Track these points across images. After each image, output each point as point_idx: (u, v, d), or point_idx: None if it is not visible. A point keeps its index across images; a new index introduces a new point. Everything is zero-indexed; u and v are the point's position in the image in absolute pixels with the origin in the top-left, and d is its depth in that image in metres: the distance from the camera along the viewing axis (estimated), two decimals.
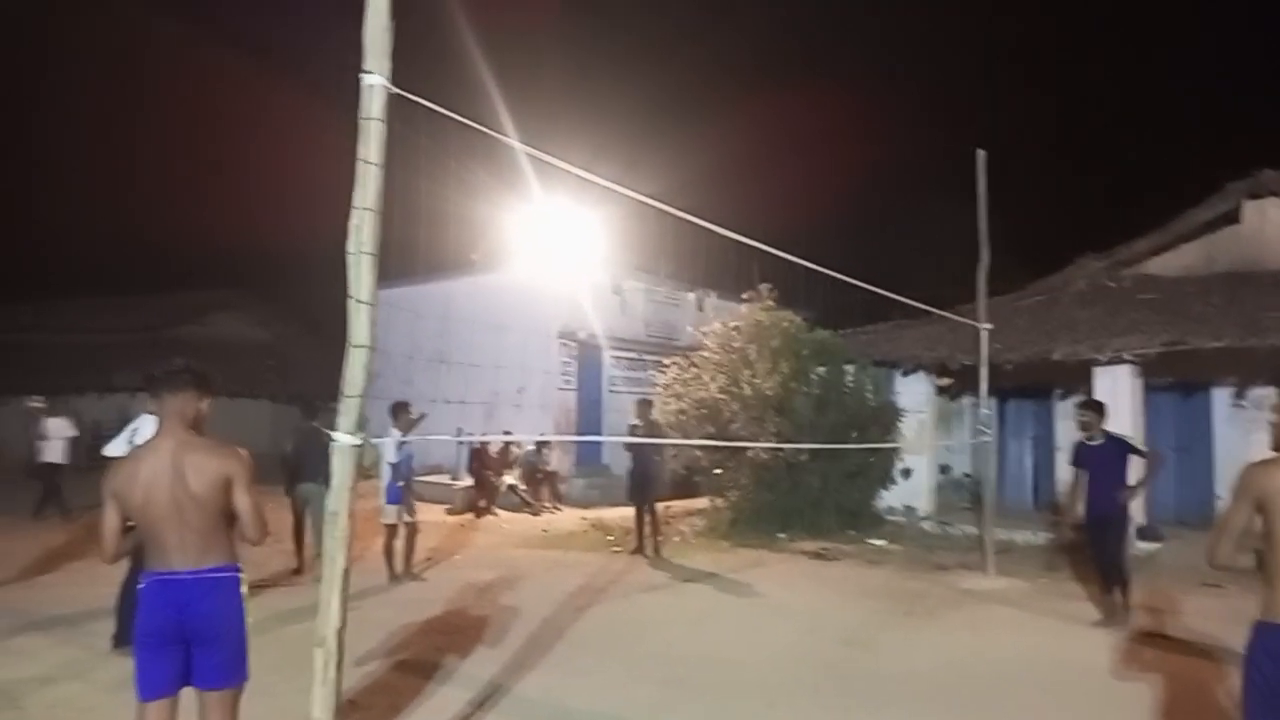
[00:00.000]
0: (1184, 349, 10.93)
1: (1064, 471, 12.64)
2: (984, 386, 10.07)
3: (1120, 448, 7.69)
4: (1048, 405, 13.86)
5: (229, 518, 3.37)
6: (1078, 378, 12.35)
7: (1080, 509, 7.68)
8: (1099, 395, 10.43)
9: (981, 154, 9.93)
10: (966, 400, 14.84)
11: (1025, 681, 5.90)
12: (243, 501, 3.35)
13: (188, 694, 3.34)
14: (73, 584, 8.48)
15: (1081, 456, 7.78)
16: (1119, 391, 10.99)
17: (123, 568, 5.62)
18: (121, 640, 5.93)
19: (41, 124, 43.77)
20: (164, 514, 3.25)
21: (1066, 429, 13.18)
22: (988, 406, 10.29)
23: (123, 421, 6.73)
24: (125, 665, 5.74)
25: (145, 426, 6.12)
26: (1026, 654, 6.59)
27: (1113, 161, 31.44)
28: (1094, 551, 7.89)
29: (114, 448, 6.14)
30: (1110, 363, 11.52)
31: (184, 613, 3.24)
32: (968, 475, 14.85)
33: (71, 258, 34.17)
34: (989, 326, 10.02)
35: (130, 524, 3.36)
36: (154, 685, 3.26)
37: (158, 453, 3.32)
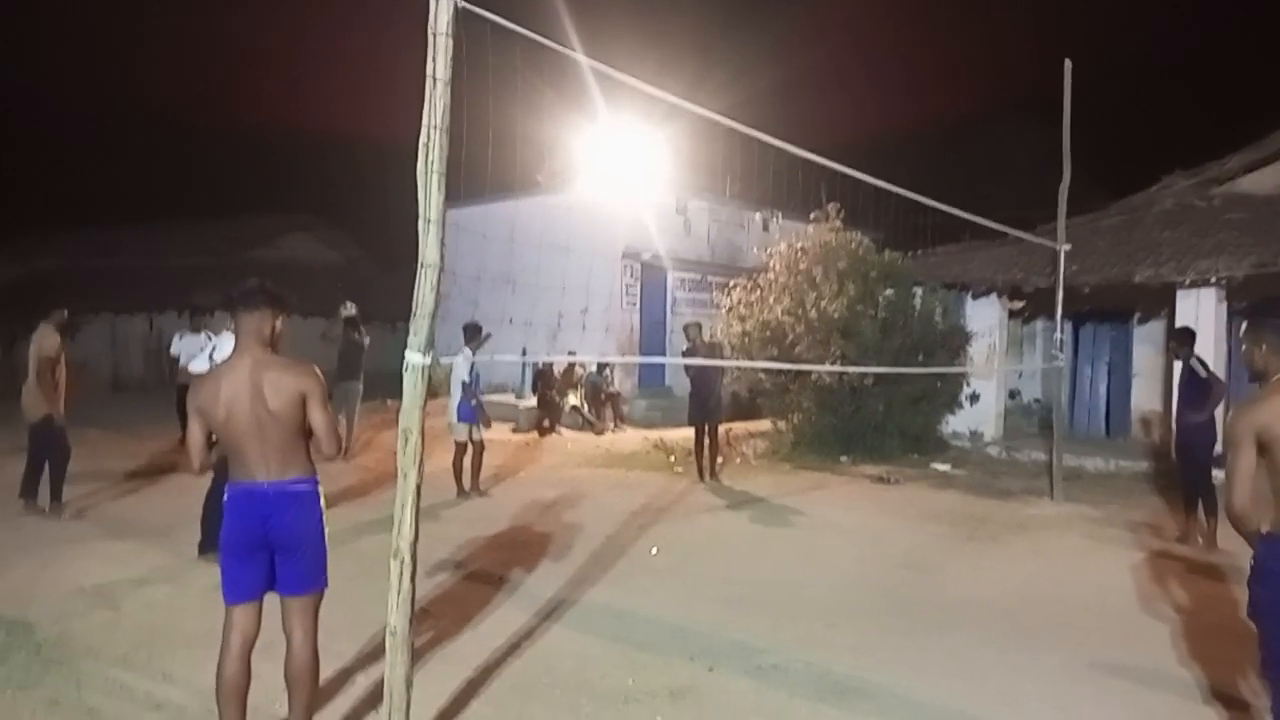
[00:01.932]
0: (1273, 271, 10.45)
1: (1140, 397, 12.40)
2: (1059, 310, 9.80)
3: (1191, 374, 7.71)
4: (1126, 330, 13.46)
5: (306, 433, 3.48)
6: (1159, 302, 11.96)
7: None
8: (1180, 320, 10.13)
9: (1068, 64, 9.45)
10: (1039, 324, 14.49)
11: (1091, 608, 5.86)
12: (317, 417, 3.45)
13: (271, 598, 3.50)
14: (163, 494, 8.91)
15: (1180, 380, 7.97)
16: (1202, 316, 10.62)
17: (208, 479, 5.88)
18: (206, 548, 6.23)
19: (117, 56, 44.43)
20: (244, 429, 3.37)
21: (1144, 354, 12.84)
22: (1062, 330, 10.03)
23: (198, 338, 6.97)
24: (211, 571, 6.05)
25: (224, 344, 6.32)
26: (1092, 580, 6.53)
27: (1205, 71, 29.64)
28: (1180, 475, 7.98)
29: (196, 364, 6.37)
30: (1193, 285, 11.08)
31: (266, 523, 3.38)
32: (1037, 401, 14.58)
33: (150, 183, 35.04)
34: (1067, 247, 9.69)
35: (215, 438, 3.49)
36: (239, 590, 3.43)
37: (237, 370, 3.42)
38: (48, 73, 44.07)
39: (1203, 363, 7.77)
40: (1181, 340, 7.99)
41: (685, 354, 11.19)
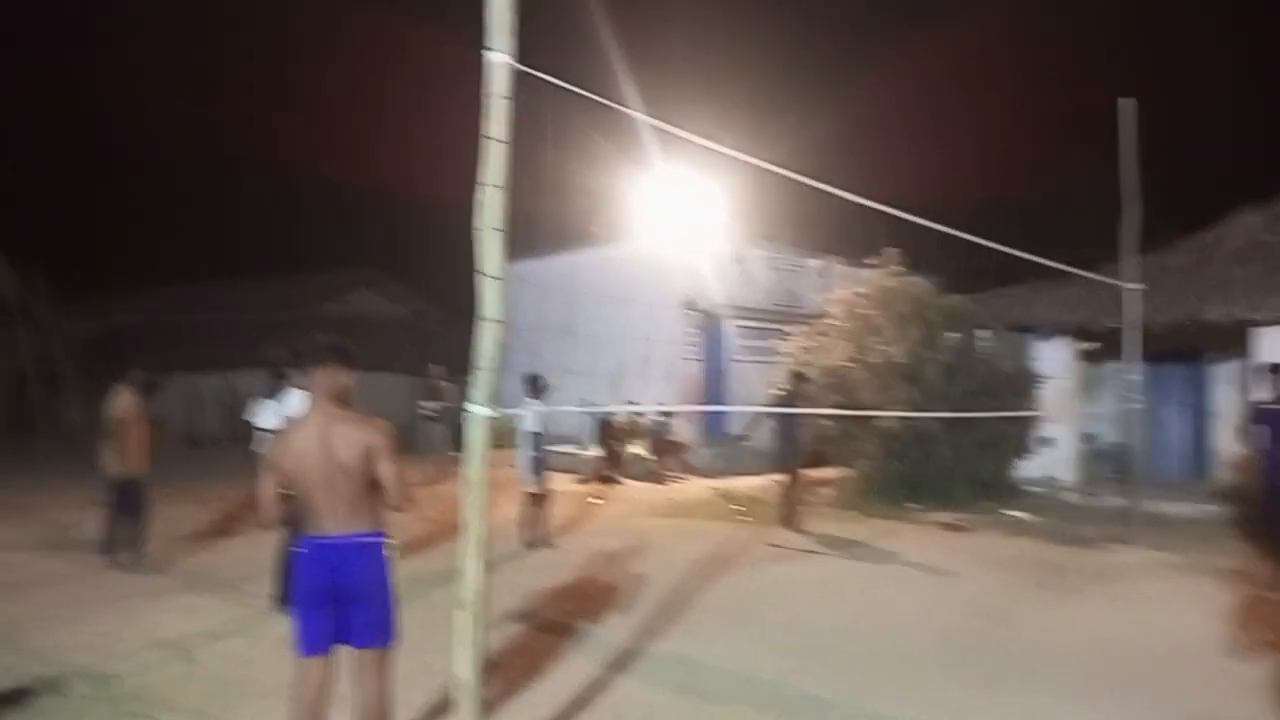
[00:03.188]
0: None
1: (1221, 439, 11.95)
2: (1133, 350, 9.54)
3: None
4: (1199, 370, 13.02)
5: (375, 486, 3.54)
6: (1233, 340, 11.56)
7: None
8: (1258, 358, 9.80)
9: (1127, 103, 9.33)
10: (1111, 365, 14.10)
11: (1177, 660, 5.61)
12: (386, 470, 3.52)
13: (343, 651, 3.54)
14: (237, 548, 9.10)
15: (1259, 418, 7.65)
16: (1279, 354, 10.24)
17: (280, 533, 6.00)
18: (279, 600, 6.33)
19: (191, 120, 46.57)
20: (315, 482, 3.45)
21: (1222, 395, 12.40)
22: (1136, 372, 9.75)
23: (269, 392, 7.14)
24: (284, 623, 6.15)
25: (292, 399, 6.48)
26: (1178, 631, 6.26)
27: (1272, 104, 28.93)
28: (1269, 519, 7.63)
29: (264, 419, 6.53)
30: (1270, 323, 10.71)
31: (336, 574, 3.44)
32: (1114, 444, 14.14)
33: (223, 242, 36.43)
34: (1139, 287, 9.47)
35: (287, 492, 3.58)
36: (312, 641, 3.49)
37: (308, 425, 3.52)
38: (129, 136, 46.27)
39: None
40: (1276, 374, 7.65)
41: (777, 399, 11.12)
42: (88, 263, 29.53)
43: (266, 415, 6.93)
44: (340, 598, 3.47)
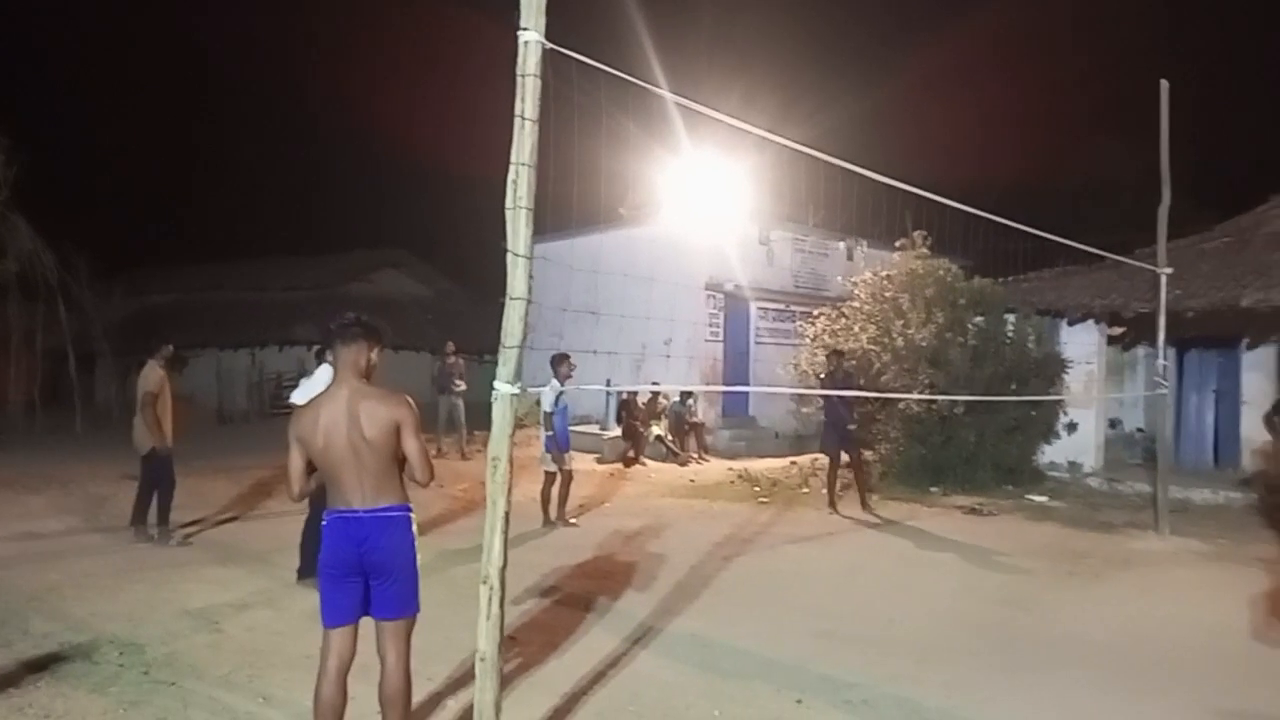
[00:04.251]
0: None
1: (1250, 427, 11.78)
2: (1161, 335, 9.42)
3: None
4: (1233, 356, 12.82)
5: (400, 461, 3.59)
6: (1269, 326, 11.39)
7: None
8: None
9: (1165, 84, 9.17)
10: (1141, 351, 13.93)
11: (1201, 649, 5.57)
12: (411, 445, 3.56)
13: (367, 622, 3.60)
14: (264, 521, 9.24)
15: None
16: None
17: (306, 507, 6.08)
18: (305, 573, 6.43)
19: (227, 102, 46.85)
20: (341, 457, 3.50)
21: (1254, 382, 12.23)
22: (1165, 357, 9.63)
23: (301, 372, 7.20)
24: (310, 596, 6.24)
25: (321, 375, 6.54)
26: (1206, 620, 6.21)
27: None
28: None
29: (299, 395, 6.57)
30: None
31: (362, 547, 3.49)
32: (1140, 430, 14.00)
33: (254, 221, 36.76)
34: (1169, 271, 9.34)
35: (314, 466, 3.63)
36: (337, 613, 3.54)
37: (334, 400, 3.56)
38: (165, 116, 46.74)
39: None
40: None
41: (823, 382, 11.12)
42: (124, 243, 29.95)
43: (298, 392, 6.98)
44: (365, 570, 3.52)
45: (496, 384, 3.40)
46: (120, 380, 18.83)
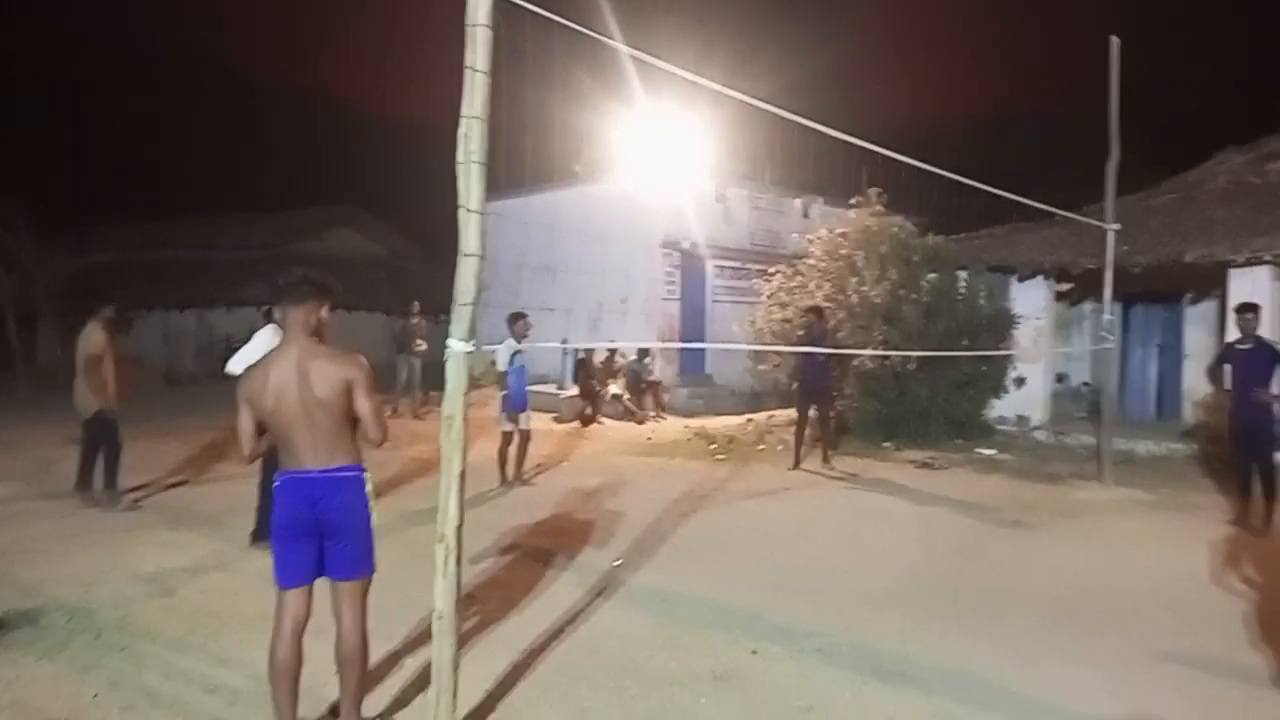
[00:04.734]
0: None
1: (1192, 379, 12.12)
2: (1108, 291, 9.61)
3: (1270, 354, 7.44)
4: (1177, 311, 13.15)
5: (352, 421, 3.54)
6: (1211, 281, 11.66)
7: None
8: (1234, 299, 9.90)
9: (1115, 41, 9.25)
10: (1088, 306, 14.21)
11: (1143, 594, 5.76)
12: (363, 405, 3.51)
13: (323, 583, 3.57)
14: (215, 484, 9.11)
15: (1227, 359, 7.70)
16: (1257, 295, 10.31)
17: (259, 469, 6.00)
18: (259, 536, 6.36)
19: (170, 54, 45.30)
20: (293, 417, 3.44)
21: (1196, 336, 12.55)
22: (1111, 312, 9.83)
23: (250, 333, 7.01)
24: (264, 557, 6.18)
25: (259, 340, 6.40)
26: (1145, 566, 6.42)
27: (1260, 44, 28.78)
28: (1236, 457, 7.77)
29: (235, 364, 6.35)
30: (1248, 264, 10.80)
31: (315, 508, 3.45)
32: (1086, 384, 14.33)
33: (201, 178, 35.80)
34: (1116, 227, 9.50)
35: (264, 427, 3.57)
36: (290, 574, 3.52)
37: (284, 360, 3.49)
38: (102, 71, 45.09)
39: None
40: (1258, 314, 7.64)
41: (800, 339, 11.14)
42: (66, 200, 29.02)
43: (237, 361, 6.68)
44: (320, 531, 3.49)
45: (450, 342, 3.36)
46: (64, 341, 18.37)
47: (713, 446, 12.17)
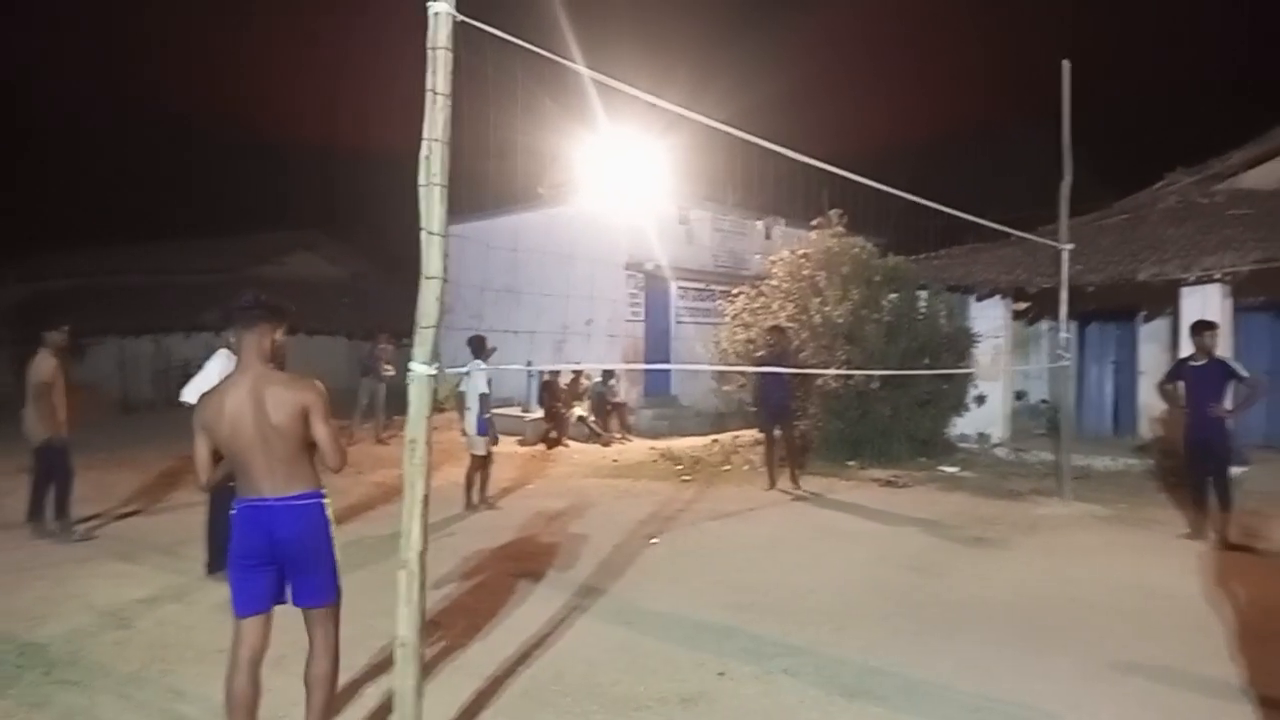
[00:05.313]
0: (1278, 267, 10.45)
1: (1147, 396, 12.35)
2: (1064, 309, 9.78)
3: (1223, 370, 7.58)
4: (1130, 328, 13.43)
5: (310, 446, 3.50)
6: (1163, 299, 11.94)
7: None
8: (1186, 316, 10.12)
9: (1066, 65, 9.47)
10: (1045, 324, 14.46)
11: (1102, 607, 5.84)
12: (320, 431, 3.46)
13: (284, 611, 3.51)
14: (171, 513, 8.92)
15: (1180, 375, 7.83)
16: (1208, 312, 10.58)
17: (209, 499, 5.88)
18: (214, 566, 6.25)
19: (129, 78, 44.78)
20: (249, 444, 3.39)
21: (1150, 353, 12.82)
22: (1067, 330, 10.01)
23: (208, 359, 6.88)
24: (220, 588, 6.05)
25: (212, 368, 6.30)
26: (1103, 579, 6.50)
27: (1207, 68, 29.66)
28: (1190, 472, 7.90)
29: (189, 393, 6.22)
30: (1198, 282, 11.07)
31: (273, 537, 3.40)
32: (1044, 401, 14.55)
33: (158, 202, 35.31)
34: (1070, 247, 9.69)
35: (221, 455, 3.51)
36: (247, 602, 3.45)
37: (239, 386, 3.44)
38: (57, 93, 44.45)
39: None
40: (1213, 332, 7.77)
41: (757, 359, 11.13)
42: (17, 226, 28.43)
43: (190, 389, 6.52)
44: (279, 559, 3.43)
45: (413, 365, 3.34)
46: (15, 369, 17.95)
47: (678, 468, 12.17)
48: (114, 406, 19.55)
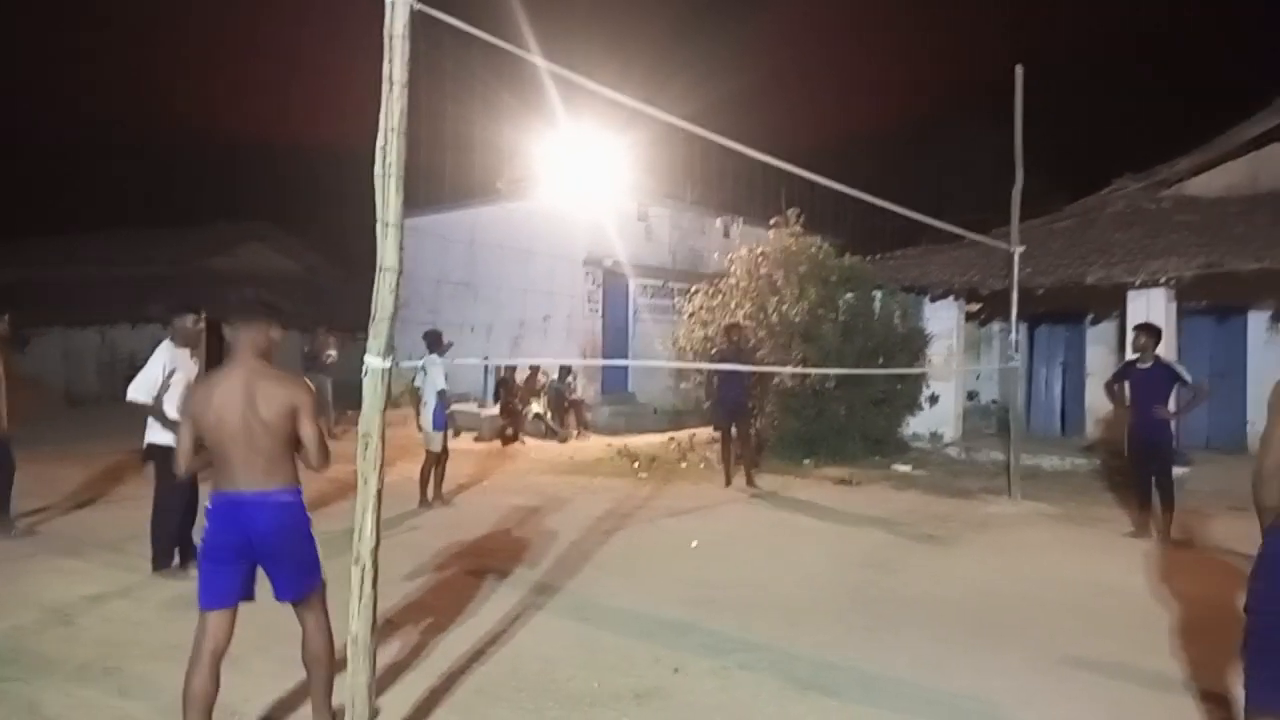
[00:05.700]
0: (1221, 271, 10.74)
1: (1094, 397, 12.64)
2: (1014, 311, 9.96)
3: (1168, 373, 7.76)
4: (1079, 330, 13.72)
5: (293, 444, 3.53)
6: (1110, 302, 12.21)
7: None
8: (1132, 319, 10.35)
9: (1019, 69, 9.64)
10: (996, 326, 14.72)
11: (1051, 603, 5.95)
12: (307, 430, 3.51)
13: (245, 609, 3.46)
14: (117, 509, 8.72)
15: (1126, 377, 7.99)
16: (1153, 315, 10.86)
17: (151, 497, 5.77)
18: (159, 564, 6.14)
19: (73, 59, 43.63)
20: (232, 436, 3.40)
21: (1097, 355, 13.12)
22: (1017, 332, 10.19)
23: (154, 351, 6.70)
24: (169, 585, 5.96)
25: (161, 357, 6.16)
26: (1052, 576, 6.64)
27: (1154, 76, 30.39)
28: (1135, 472, 8.07)
29: (135, 390, 6.07)
30: (1144, 286, 11.35)
31: (248, 532, 3.40)
32: (995, 402, 14.81)
33: (105, 192, 34.44)
34: (1021, 249, 9.86)
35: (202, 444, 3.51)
36: (215, 596, 3.43)
37: (230, 378, 3.47)
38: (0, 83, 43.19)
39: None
40: (1154, 335, 7.93)
41: (715, 357, 11.18)
42: None
43: (137, 386, 6.34)
44: (256, 556, 3.45)
45: (368, 358, 3.31)
46: None
47: (635, 465, 12.18)
48: (59, 399, 19.08)
